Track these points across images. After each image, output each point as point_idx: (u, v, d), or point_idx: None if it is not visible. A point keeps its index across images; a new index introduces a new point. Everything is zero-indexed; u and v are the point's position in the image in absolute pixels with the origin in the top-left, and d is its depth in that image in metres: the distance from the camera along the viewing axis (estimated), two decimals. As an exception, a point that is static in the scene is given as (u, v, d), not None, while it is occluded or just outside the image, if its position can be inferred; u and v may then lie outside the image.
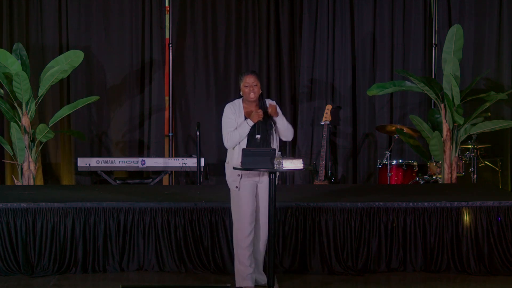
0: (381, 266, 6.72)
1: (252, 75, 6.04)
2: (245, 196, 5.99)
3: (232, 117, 6.06)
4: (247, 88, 6.02)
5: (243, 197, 5.99)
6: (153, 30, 10.32)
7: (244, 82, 6.03)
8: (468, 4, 10.38)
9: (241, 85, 6.07)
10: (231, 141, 6.00)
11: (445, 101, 9.15)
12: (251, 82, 6.01)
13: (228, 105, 6.15)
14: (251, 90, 6.01)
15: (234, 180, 6.01)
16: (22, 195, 7.15)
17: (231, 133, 6.00)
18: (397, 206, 6.73)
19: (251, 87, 6.01)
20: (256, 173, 5.97)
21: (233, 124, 6.03)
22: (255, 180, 6.01)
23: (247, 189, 5.99)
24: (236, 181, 6.00)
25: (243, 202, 6.00)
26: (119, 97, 10.34)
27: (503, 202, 6.74)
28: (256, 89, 6.03)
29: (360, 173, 10.54)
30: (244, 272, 6.05)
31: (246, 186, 5.99)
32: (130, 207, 6.68)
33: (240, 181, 5.98)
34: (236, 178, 6.00)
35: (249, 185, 5.99)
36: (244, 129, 5.97)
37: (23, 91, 8.89)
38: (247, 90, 6.02)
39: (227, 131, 6.03)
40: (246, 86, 6.02)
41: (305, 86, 10.47)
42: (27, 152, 9.12)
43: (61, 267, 6.61)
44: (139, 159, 9.99)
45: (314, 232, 6.69)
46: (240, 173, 5.96)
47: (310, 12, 10.44)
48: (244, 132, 5.98)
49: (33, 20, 10.18)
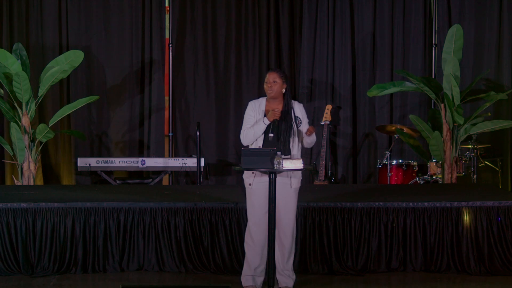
0: (381, 266, 6.72)
1: (274, 72, 6.00)
2: (257, 195, 5.94)
3: (251, 114, 6.02)
4: (266, 85, 5.98)
5: (254, 195, 5.95)
6: (153, 30, 10.32)
7: (266, 79, 6.01)
8: (468, 4, 10.39)
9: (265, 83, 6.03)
10: (247, 138, 5.98)
11: (445, 101, 9.15)
12: (271, 79, 5.97)
13: (251, 102, 6.11)
14: (269, 87, 5.96)
15: (248, 177, 5.98)
16: (22, 195, 7.14)
17: (247, 130, 5.98)
18: (397, 206, 6.73)
19: (270, 83, 5.96)
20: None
21: (251, 121, 5.99)
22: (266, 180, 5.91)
23: (259, 188, 5.94)
24: (249, 178, 5.97)
25: (254, 201, 5.96)
26: (119, 97, 10.34)
27: (503, 202, 6.74)
28: (275, 87, 5.95)
29: (360, 173, 10.54)
30: (246, 271, 6.05)
31: (259, 184, 5.94)
32: (130, 207, 6.68)
33: (254, 179, 5.96)
34: (250, 175, 5.96)
35: (262, 185, 5.91)
36: (260, 127, 5.94)
37: (23, 91, 8.89)
38: (266, 87, 5.99)
39: (244, 128, 6.01)
40: (266, 82, 5.99)
41: (305, 86, 10.48)
42: (27, 152, 9.12)
43: (61, 267, 6.60)
44: (139, 159, 9.99)
45: (314, 232, 6.68)
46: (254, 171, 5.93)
47: (310, 12, 10.44)
48: (259, 130, 5.94)
49: (33, 20, 10.18)
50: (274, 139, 5.92)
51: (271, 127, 5.93)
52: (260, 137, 5.97)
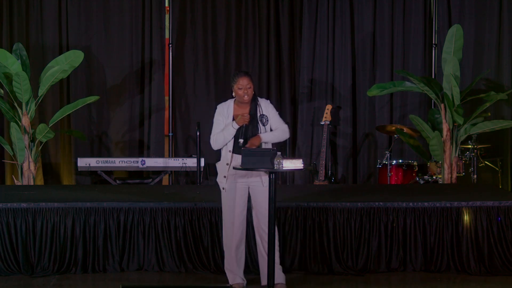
0: (381, 266, 6.72)
1: (246, 77, 5.91)
2: (230, 199, 5.96)
3: (220, 119, 5.99)
4: (241, 91, 5.89)
5: (227, 199, 5.98)
6: (153, 30, 10.32)
7: (238, 84, 5.90)
8: (468, 4, 10.39)
9: (234, 87, 5.92)
10: (217, 143, 5.97)
11: (445, 101, 9.15)
12: (245, 85, 5.89)
13: (219, 106, 6.07)
14: (245, 92, 5.89)
15: (220, 181, 6.00)
16: (22, 195, 7.14)
17: (217, 135, 5.96)
18: (397, 206, 6.73)
19: (245, 89, 5.89)
20: (244, 175, 5.90)
21: (220, 126, 5.97)
22: (243, 182, 5.95)
23: (232, 191, 5.95)
24: (222, 182, 5.98)
25: (226, 204, 5.99)
26: (119, 97, 10.34)
27: (503, 202, 6.74)
28: (250, 92, 5.90)
29: (360, 173, 10.54)
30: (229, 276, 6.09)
31: (231, 188, 5.95)
32: (130, 207, 6.68)
33: (226, 182, 5.96)
34: (222, 179, 5.97)
35: (236, 187, 5.94)
36: (229, 132, 5.91)
37: (23, 91, 8.89)
38: (241, 93, 5.90)
39: (213, 133, 5.99)
40: (240, 88, 5.89)
41: (305, 86, 10.48)
42: (27, 152, 9.12)
43: (61, 267, 6.60)
44: (139, 159, 9.99)
45: (314, 232, 6.68)
46: (226, 174, 5.92)
47: (310, 12, 10.44)
48: (228, 135, 5.91)
49: (33, 20, 10.19)
50: (244, 143, 5.89)
51: (241, 131, 5.90)
52: (231, 141, 5.95)
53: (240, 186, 5.97)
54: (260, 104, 5.99)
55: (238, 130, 5.92)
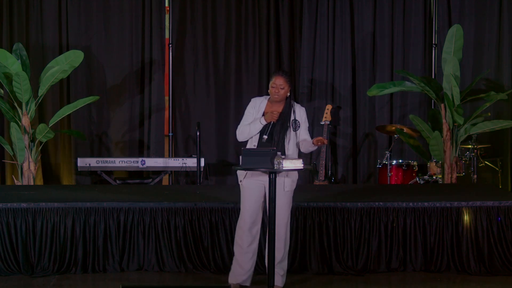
0: (381, 266, 6.72)
1: (282, 77, 5.97)
2: (247, 194, 5.96)
3: (251, 111, 6.04)
4: (274, 89, 5.96)
5: (244, 194, 5.98)
6: (153, 30, 10.32)
7: (272, 82, 5.97)
8: (468, 4, 10.39)
9: (270, 84, 6.00)
10: (242, 134, 6.00)
11: (445, 101, 9.15)
12: (279, 84, 5.95)
13: (253, 99, 6.13)
14: (277, 92, 5.95)
15: (240, 174, 6.00)
16: (22, 195, 7.14)
17: (243, 127, 6.00)
18: (397, 206, 6.73)
19: (278, 88, 5.95)
20: (261, 173, 5.90)
21: (249, 118, 6.01)
22: (260, 180, 5.94)
23: (250, 187, 5.95)
24: (241, 175, 5.99)
25: (244, 199, 5.99)
26: (119, 97, 10.35)
27: (503, 202, 6.74)
28: (282, 92, 5.95)
29: (360, 173, 10.54)
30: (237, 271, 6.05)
31: (249, 184, 5.95)
32: (130, 207, 6.68)
33: (245, 177, 5.97)
34: (242, 173, 5.98)
35: (254, 184, 5.94)
36: (255, 126, 5.95)
37: (23, 91, 8.89)
38: (273, 91, 5.96)
39: (241, 124, 6.03)
40: (273, 86, 5.96)
41: (305, 86, 10.48)
42: (27, 152, 9.12)
43: (61, 267, 6.60)
44: (139, 159, 9.99)
45: (314, 232, 6.68)
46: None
47: (310, 12, 10.44)
48: (254, 129, 5.95)
49: (33, 20, 10.19)
50: (269, 140, 5.92)
51: (267, 128, 5.93)
52: (256, 136, 5.97)
53: (258, 184, 5.95)
54: (295, 109, 6.02)
55: (265, 127, 5.94)
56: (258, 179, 5.95)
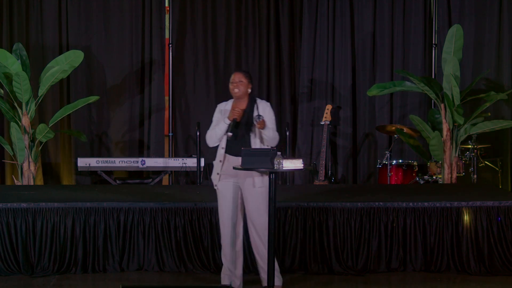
0: (381, 266, 6.72)
1: (240, 72, 6.01)
2: (223, 197, 5.94)
3: (218, 115, 6.05)
4: (232, 85, 5.97)
5: (220, 197, 5.97)
6: (153, 30, 10.32)
7: (231, 79, 5.99)
8: (468, 4, 10.39)
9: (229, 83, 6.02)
10: (210, 139, 6.01)
11: (445, 101, 9.15)
12: (236, 79, 5.96)
13: (219, 105, 6.14)
14: (235, 86, 5.95)
15: (214, 179, 6.00)
16: (22, 195, 7.14)
17: (210, 131, 6.01)
18: (397, 206, 6.73)
19: (236, 83, 5.95)
20: (235, 175, 5.87)
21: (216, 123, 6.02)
22: (235, 182, 5.93)
23: (226, 189, 5.94)
24: (215, 179, 5.99)
25: (221, 202, 5.98)
26: (119, 97, 10.35)
27: (503, 202, 6.74)
28: (241, 86, 5.95)
29: (360, 173, 10.54)
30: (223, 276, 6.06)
31: (224, 186, 5.94)
32: (130, 207, 6.68)
33: (219, 180, 5.96)
34: (215, 176, 5.98)
35: (229, 186, 5.93)
36: (220, 127, 5.93)
37: (23, 91, 8.89)
38: (232, 87, 5.98)
39: (209, 129, 6.03)
40: (232, 83, 5.98)
41: (305, 86, 10.48)
42: (27, 152, 9.12)
43: (61, 267, 6.60)
44: (139, 159, 9.99)
45: (314, 232, 6.68)
46: (219, 172, 5.93)
47: (310, 12, 10.44)
48: (220, 130, 5.94)
49: (33, 20, 10.19)
50: (234, 137, 5.89)
51: (232, 126, 5.88)
52: (224, 139, 5.96)
53: (233, 185, 5.96)
54: (258, 105, 6.01)
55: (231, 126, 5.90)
56: (233, 180, 5.93)
